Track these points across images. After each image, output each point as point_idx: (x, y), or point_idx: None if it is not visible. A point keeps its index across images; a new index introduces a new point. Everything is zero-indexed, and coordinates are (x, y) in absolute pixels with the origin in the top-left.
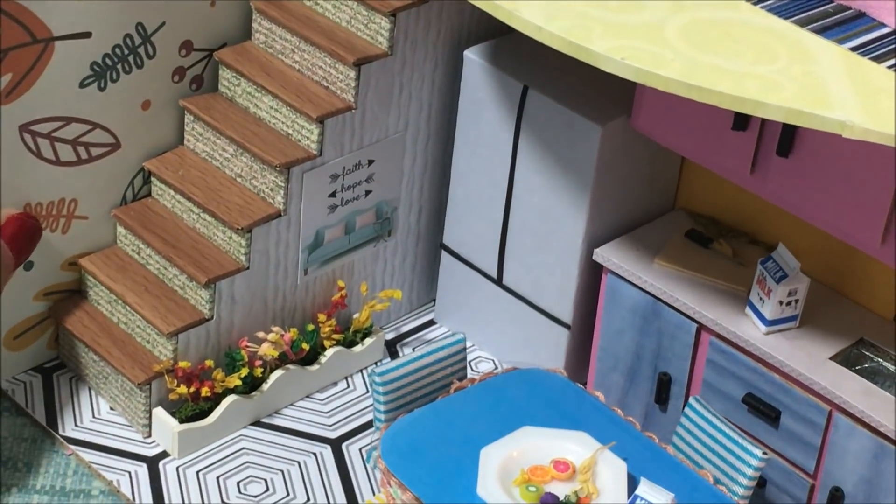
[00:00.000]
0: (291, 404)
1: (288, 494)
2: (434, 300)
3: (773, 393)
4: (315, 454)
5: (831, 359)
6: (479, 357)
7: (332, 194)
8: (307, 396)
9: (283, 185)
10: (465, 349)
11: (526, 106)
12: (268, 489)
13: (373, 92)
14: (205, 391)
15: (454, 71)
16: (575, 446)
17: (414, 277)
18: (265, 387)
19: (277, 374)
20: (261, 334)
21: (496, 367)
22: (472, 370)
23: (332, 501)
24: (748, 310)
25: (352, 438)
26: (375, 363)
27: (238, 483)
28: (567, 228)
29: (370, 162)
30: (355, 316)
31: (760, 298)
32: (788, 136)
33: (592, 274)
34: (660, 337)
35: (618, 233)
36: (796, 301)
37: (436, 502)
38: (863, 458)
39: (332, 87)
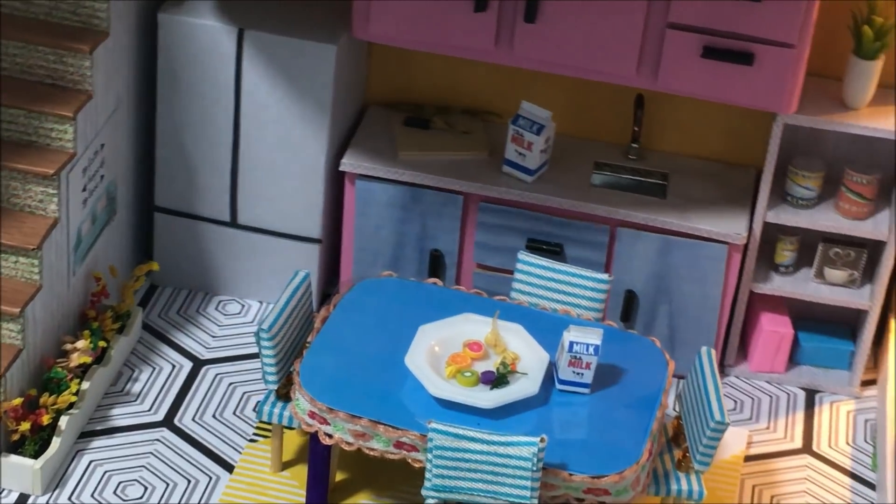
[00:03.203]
0: (99, 406)
1: (167, 485)
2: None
3: (552, 231)
4: (158, 440)
5: (592, 185)
6: (222, 300)
7: (84, 188)
8: (106, 394)
9: (54, 192)
10: (310, 283)
11: (245, 48)
12: (146, 488)
13: (101, 76)
14: (46, 419)
15: (150, 35)
16: (472, 326)
17: (129, 247)
18: (85, 396)
19: (87, 381)
20: (68, 346)
21: (262, 305)
22: (222, 314)
23: (211, 475)
24: (507, 167)
25: (178, 414)
26: (141, 340)
27: (115, 492)
28: (308, 150)
29: (102, 146)
30: (113, 303)
31: (520, 154)
32: (534, 3)
33: (335, 186)
34: (423, 219)
35: (343, 142)
36: (550, 146)
37: (393, 417)
38: (649, 257)
39: (61, 81)
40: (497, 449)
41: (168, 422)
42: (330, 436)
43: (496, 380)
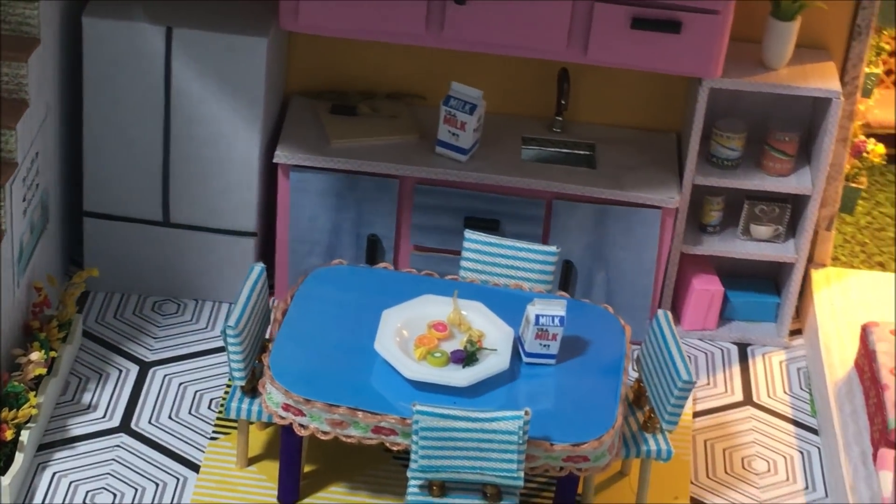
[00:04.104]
0: (52, 417)
1: (136, 490)
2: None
3: (488, 208)
4: (119, 446)
5: (524, 161)
6: (157, 301)
7: (24, 198)
8: (57, 404)
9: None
10: (266, 275)
11: (174, 46)
12: (115, 495)
13: (34, 84)
14: (9, 434)
15: (74, 39)
16: (433, 307)
17: (59, 254)
18: (40, 408)
19: (41, 393)
20: (22, 359)
21: (198, 303)
22: (159, 314)
23: (178, 476)
24: (440, 148)
25: (133, 418)
26: (83, 347)
27: (85, 502)
28: (241, 145)
29: (37, 154)
30: (53, 312)
31: (454, 134)
32: None
33: (267, 179)
34: (359, 205)
35: (272, 135)
36: (481, 125)
37: (370, 403)
38: (585, 227)
39: None
40: (483, 425)
41: (125, 427)
42: (305, 427)
43: (466, 358)
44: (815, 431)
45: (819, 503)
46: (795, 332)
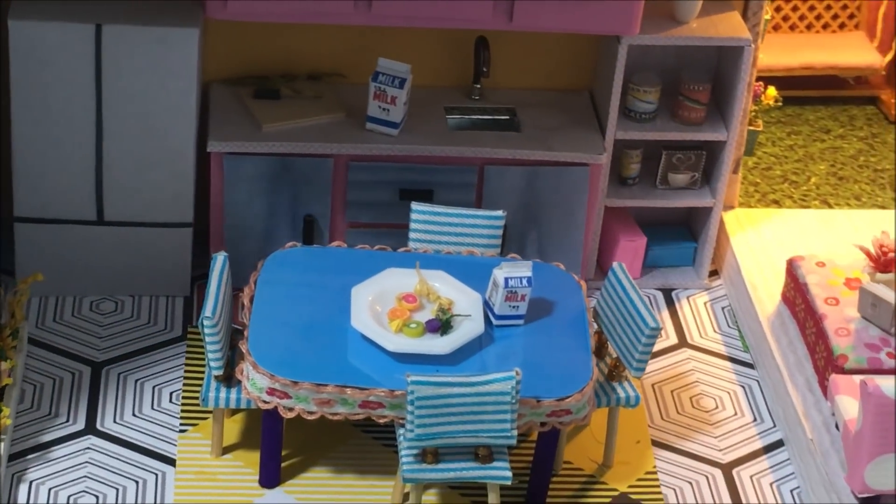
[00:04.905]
0: (16, 426)
1: (117, 489)
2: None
3: (420, 178)
4: (89, 448)
5: (451, 130)
6: (94, 301)
7: None
8: (17, 413)
9: None
10: (228, 263)
11: (103, 42)
12: (97, 497)
13: None
14: None
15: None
16: (399, 280)
17: None
18: (8, 417)
19: (6, 403)
20: None
21: (135, 299)
22: (99, 314)
23: (156, 472)
24: (371, 124)
25: (97, 419)
26: (30, 354)
27: None
28: (176, 138)
29: None
30: (2, 321)
31: (384, 109)
32: None
33: (201, 170)
34: (294, 187)
35: (201, 125)
36: (409, 97)
37: (356, 379)
38: (517, 189)
39: None
40: (477, 389)
41: (91, 429)
42: (290, 409)
43: (442, 326)
44: (750, 366)
45: (772, 433)
46: (712, 274)
